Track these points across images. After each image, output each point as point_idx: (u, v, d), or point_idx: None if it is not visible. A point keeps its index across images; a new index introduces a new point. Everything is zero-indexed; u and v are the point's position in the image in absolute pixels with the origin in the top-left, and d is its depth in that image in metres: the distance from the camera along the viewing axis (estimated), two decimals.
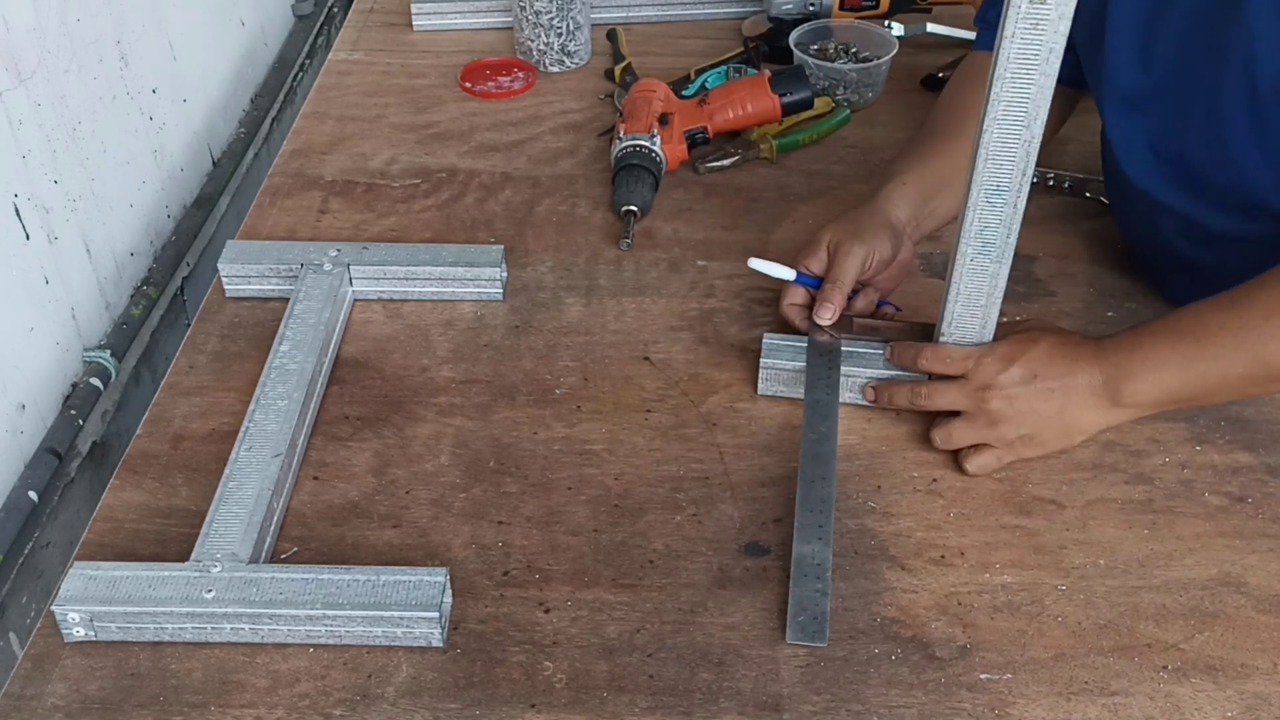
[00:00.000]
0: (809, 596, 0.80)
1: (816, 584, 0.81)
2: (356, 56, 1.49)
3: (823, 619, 0.79)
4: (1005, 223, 0.85)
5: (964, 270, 0.88)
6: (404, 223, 1.19)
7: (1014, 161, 0.82)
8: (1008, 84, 0.79)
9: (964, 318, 0.90)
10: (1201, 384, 0.85)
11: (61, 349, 1.09)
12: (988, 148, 0.82)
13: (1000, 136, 0.81)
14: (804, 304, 1.01)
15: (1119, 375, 0.86)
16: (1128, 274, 1.10)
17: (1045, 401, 0.88)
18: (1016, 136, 0.81)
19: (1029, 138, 0.81)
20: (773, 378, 0.97)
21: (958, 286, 0.89)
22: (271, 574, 0.80)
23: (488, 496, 0.90)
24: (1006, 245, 0.86)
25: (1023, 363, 0.88)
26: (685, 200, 1.22)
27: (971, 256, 0.87)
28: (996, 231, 0.85)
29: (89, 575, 0.80)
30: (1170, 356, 0.85)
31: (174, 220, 1.33)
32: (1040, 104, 0.79)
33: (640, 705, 0.76)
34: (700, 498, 0.90)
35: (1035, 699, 0.76)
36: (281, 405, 0.92)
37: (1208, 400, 0.90)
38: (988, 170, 0.83)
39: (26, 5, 1.03)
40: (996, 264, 0.87)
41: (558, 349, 1.04)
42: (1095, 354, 0.88)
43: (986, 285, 0.88)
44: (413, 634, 0.79)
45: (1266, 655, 0.79)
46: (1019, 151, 0.82)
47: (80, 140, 1.12)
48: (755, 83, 1.27)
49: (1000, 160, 0.82)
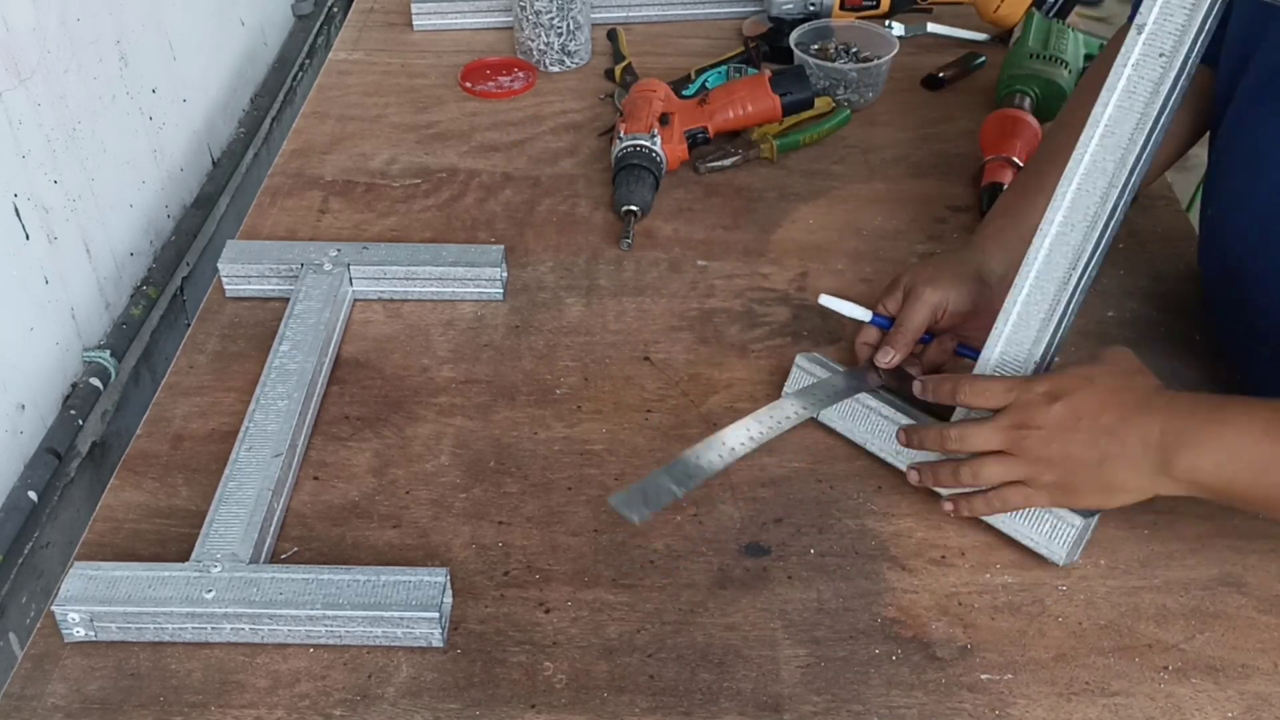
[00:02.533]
0: (664, 486, 0.81)
1: (683, 477, 0.81)
2: (356, 56, 1.49)
3: (655, 505, 0.80)
4: (1081, 244, 0.79)
5: (1028, 286, 0.81)
6: (404, 223, 1.19)
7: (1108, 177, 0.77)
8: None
9: (1015, 338, 0.83)
10: (1267, 492, 0.74)
11: (61, 349, 1.09)
12: (1081, 163, 0.78)
13: (1094, 155, 0.77)
14: (875, 344, 0.95)
15: (1180, 441, 0.75)
16: (1128, 274, 1.10)
17: (1087, 448, 0.77)
18: (1111, 158, 0.77)
19: (1124, 163, 0.77)
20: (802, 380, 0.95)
21: (1015, 302, 0.82)
22: (271, 574, 0.80)
23: (488, 496, 0.90)
24: (1080, 268, 0.79)
25: (1068, 401, 0.78)
26: (685, 200, 1.22)
27: (1038, 272, 0.81)
28: (1070, 248, 0.80)
29: (89, 575, 0.80)
30: (1248, 445, 0.74)
31: (174, 220, 1.33)
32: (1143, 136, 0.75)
33: (640, 706, 0.76)
34: (700, 498, 0.90)
35: (1036, 699, 0.76)
36: (281, 405, 0.92)
37: (1265, 508, 0.78)
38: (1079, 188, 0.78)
39: (26, 5, 1.03)
40: (1062, 287, 0.81)
41: (558, 349, 1.04)
42: (1162, 407, 0.77)
43: (1048, 306, 0.81)
44: (413, 634, 0.78)
45: (1267, 655, 0.79)
46: (1112, 169, 0.77)
47: (80, 140, 1.12)
48: (755, 83, 1.27)
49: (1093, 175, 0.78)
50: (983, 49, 1.46)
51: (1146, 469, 0.77)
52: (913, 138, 1.32)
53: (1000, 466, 0.81)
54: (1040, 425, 0.79)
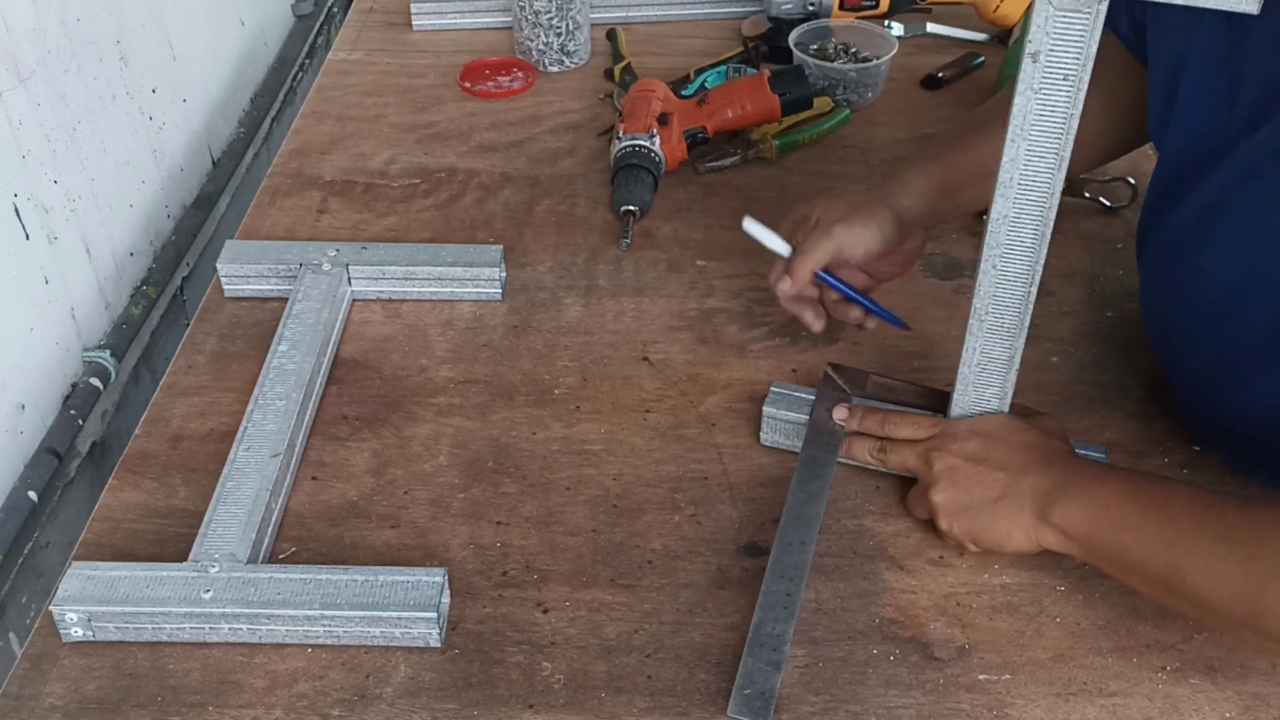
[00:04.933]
0: (760, 670, 0.75)
1: (772, 655, 0.76)
2: (356, 56, 1.49)
3: (770, 696, 0.74)
4: (1024, 286, 0.79)
5: (979, 336, 0.82)
6: (403, 223, 1.19)
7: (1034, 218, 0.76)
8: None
9: (978, 383, 0.84)
10: (1120, 553, 0.75)
11: (61, 349, 1.09)
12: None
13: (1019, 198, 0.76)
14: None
15: (1062, 493, 0.78)
16: (1128, 274, 1.10)
17: (986, 487, 0.81)
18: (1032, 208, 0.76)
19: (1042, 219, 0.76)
20: (775, 428, 0.93)
21: (971, 352, 0.83)
22: (270, 574, 0.80)
23: (486, 497, 0.90)
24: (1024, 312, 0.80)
25: (983, 441, 0.82)
26: (685, 200, 1.22)
27: (986, 324, 0.81)
28: (1014, 293, 0.80)
29: (87, 575, 0.80)
30: (1115, 505, 0.76)
31: (174, 220, 1.33)
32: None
33: (639, 706, 0.76)
34: (699, 498, 0.90)
35: (1034, 699, 0.76)
36: (280, 405, 0.92)
37: (1119, 573, 0.77)
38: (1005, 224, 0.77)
39: (26, 5, 1.03)
40: (1013, 334, 0.81)
41: (556, 349, 1.04)
42: (1061, 465, 0.81)
43: (1006, 350, 0.82)
44: (411, 634, 0.79)
45: (1265, 656, 0.79)
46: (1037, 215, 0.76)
47: (80, 140, 1.12)
48: (755, 82, 1.27)
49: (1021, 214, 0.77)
50: (982, 49, 1.46)
51: (1029, 512, 0.79)
52: (912, 138, 1.32)
53: (918, 496, 0.85)
54: (951, 453, 0.83)
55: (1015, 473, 0.80)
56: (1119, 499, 0.77)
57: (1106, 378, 1.00)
